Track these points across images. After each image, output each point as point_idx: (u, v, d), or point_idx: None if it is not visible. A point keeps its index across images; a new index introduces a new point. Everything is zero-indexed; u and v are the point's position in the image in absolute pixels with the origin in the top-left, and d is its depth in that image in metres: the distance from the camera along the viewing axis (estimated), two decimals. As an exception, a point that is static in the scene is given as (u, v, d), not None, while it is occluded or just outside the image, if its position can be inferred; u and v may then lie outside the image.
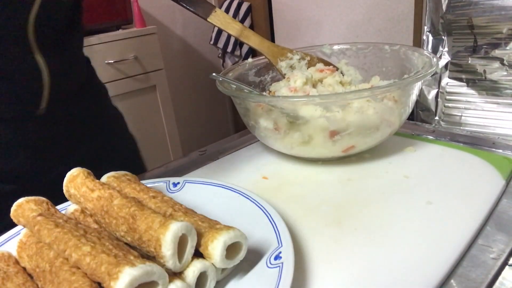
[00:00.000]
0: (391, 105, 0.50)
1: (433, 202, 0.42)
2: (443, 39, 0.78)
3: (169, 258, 0.29)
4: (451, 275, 0.33)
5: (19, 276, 0.32)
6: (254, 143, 0.64)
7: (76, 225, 0.33)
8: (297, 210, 0.44)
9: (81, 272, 0.29)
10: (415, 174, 0.49)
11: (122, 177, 0.42)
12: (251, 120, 0.55)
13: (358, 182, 0.49)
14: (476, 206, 0.41)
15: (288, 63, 0.61)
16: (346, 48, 0.65)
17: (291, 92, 0.55)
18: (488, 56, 0.72)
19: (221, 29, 0.59)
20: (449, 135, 0.60)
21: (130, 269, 0.26)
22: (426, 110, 0.81)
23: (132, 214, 0.32)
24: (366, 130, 0.49)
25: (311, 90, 0.54)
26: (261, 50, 0.61)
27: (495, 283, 0.32)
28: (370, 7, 1.17)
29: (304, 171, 0.53)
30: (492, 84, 0.72)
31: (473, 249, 0.36)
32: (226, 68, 0.63)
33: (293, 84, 0.55)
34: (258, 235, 0.36)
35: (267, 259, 0.33)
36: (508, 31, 0.69)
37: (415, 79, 0.47)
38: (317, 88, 0.56)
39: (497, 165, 0.48)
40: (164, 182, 0.48)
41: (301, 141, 0.50)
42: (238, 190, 0.43)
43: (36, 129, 0.53)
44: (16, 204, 0.37)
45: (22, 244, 0.35)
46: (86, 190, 0.37)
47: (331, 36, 1.31)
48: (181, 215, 0.35)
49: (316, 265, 0.35)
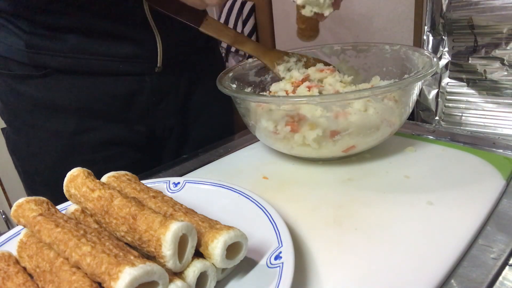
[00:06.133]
0: (392, 105, 0.50)
1: (433, 202, 0.42)
2: (444, 39, 0.78)
3: (170, 258, 0.29)
4: (451, 275, 0.33)
5: (19, 276, 0.32)
6: (254, 143, 0.64)
7: (76, 225, 0.33)
8: (297, 210, 0.44)
9: (81, 272, 0.29)
10: (415, 174, 0.49)
11: (122, 177, 0.42)
12: (251, 120, 0.55)
13: (358, 182, 0.49)
14: (477, 206, 0.41)
15: (285, 66, 0.61)
16: (346, 48, 0.65)
17: (293, 86, 0.55)
18: (489, 56, 0.72)
19: (214, 37, 0.58)
20: (449, 135, 0.60)
21: (130, 269, 0.26)
22: (426, 110, 0.81)
23: (132, 214, 0.32)
24: (367, 130, 0.49)
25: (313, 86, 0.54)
26: (256, 55, 0.60)
27: (495, 283, 0.32)
28: (370, 7, 1.17)
29: (304, 171, 0.53)
30: (492, 84, 0.72)
31: (473, 249, 0.36)
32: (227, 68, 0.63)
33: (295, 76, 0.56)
34: (258, 235, 0.36)
35: (267, 259, 0.33)
36: (508, 31, 0.69)
37: (415, 79, 0.47)
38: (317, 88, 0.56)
39: (497, 165, 0.48)
40: (164, 182, 0.48)
41: (301, 142, 0.50)
42: (238, 190, 0.43)
43: (153, 83, 0.66)
44: (16, 204, 0.37)
45: (23, 244, 0.35)
46: (87, 190, 0.37)
47: (331, 36, 1.31)
48: (181, 215, 0.35)
49: (316, 265, 0.35)
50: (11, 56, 0.59)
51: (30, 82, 0.60)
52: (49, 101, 0.61)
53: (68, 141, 0.63)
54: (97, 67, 0.60)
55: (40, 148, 0.64)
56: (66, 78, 0.60)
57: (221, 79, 0.57)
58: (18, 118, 0.64)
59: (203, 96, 0.74)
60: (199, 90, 0.73)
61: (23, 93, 0.61)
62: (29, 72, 0.59)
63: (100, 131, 0.64)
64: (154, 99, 0.67)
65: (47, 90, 0.60)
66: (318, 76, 0.59)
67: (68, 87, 0.61)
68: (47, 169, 0.65)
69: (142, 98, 0.65)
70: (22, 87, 0.60)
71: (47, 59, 0.58)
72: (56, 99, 0.61)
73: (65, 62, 0.59)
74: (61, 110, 0.62)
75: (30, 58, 0.58)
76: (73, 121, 0.62)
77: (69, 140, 0.63)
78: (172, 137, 0.72)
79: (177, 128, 0.72)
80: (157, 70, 0.65)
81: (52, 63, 0.59)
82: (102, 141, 0.65)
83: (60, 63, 0.59)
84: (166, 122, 0.70)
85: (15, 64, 0.59)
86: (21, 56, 0.58)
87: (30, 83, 0.60)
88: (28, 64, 0.59)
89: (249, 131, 0.59)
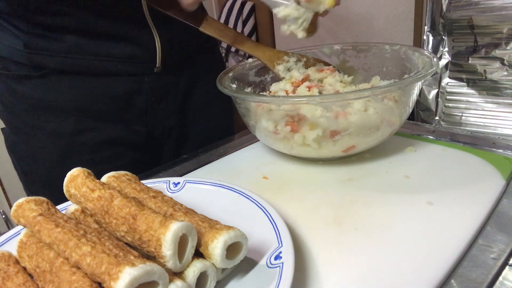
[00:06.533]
0: (392, 105, 0.50)
1: (433, 202, 0.42)
2: (444, 39, 0.78)
3: (170, 258, 0.29)
4: (451, 275, 0.33)
5: (19, 276, 0.32)
6: (254, 143, 0.64)
7: (76, 225, 0.33)
8: (297, 210, 0.44)
9: (81, 272, 0.29)
10: (415, 174, 0.49)
11: (122, 177, 0.42)
12: (251, 120, 0.55)
13: (358, 182, 0.49)
14: (477, 206, 0.41)
15: (285, 66, 0.61)
16: (346, 48, 0.65)
17: (293, 86, 0.55)
18: (489, 56, 0.72)
19: (214, 37, 0.58)
20: (449, 135, 0.60)
21: (130, 269, 0.26)
22: (426, 110, 0.81)
23: (132, 214, 0.32)
24: (367, 130, 0.49)
25: (313, 86, 0.54)
26: (256, 55, 0.60)
27: (495, 283, 0.32)
28: (370, 7, 1.17)
29: (304, 171, 0.53)
30: (492, 84, 0.72)
31: (473, 249, 0.36)
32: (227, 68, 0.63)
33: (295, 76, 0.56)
34: (258, 235, 0.36)
35: (267, 259, 0.33)
36: (508, 31, 0.69)
37: (415, 79, 0.47)
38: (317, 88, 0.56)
39: (497, 165, 0.48)
40: (164, 182, 0.48)
41: (301, 142, 0.50)
42: (238, 190, 0.43)
43: (152, 83, 0.66)
44: (16, 204, 0.37)
45: (23, 244, 0.35)
46: (87, 190, 0.37)
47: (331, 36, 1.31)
48: (181, 215, 0.35)
49: (317, 265, 0.35)
50: (10, 57, 0.59)
51: (29, 82, 0.60)
52: (48, 102, 0.61)
53: (67, 141, 0.63)
54: (95, 67, 0.60)
55: (39, 148, 0.64)
56: (64, 79, 0.60)
57: (221, 79, 0.57)
58: (17, 118, 0.63)
59: (202, 96, 0.74)
60: (198, 90, 0.73)
61: (21, 93, 0.61)
62: (28, 72, 0.59)
63: (99, 131, 0.64)
64: (153, 99, 0.67)
65: (45, 90, 0.60)
66: (318, 76, 0.59)
67: (66, 87, 0.61)
68: (46, 169, 0.65)
69: (141, 98, 0.65)
70: (21, 87, 0.60)
71: (46, 59, 0.58)
72: (55, 100, 0.61)
73: (64, 62, 0.59)
74: (60, 110, 0.62)
75: (28, 58, 0.58)
76: (72, 121, 0.62)
77: (68, 140, 0.63)
78: (172, 137, 0.72)
79: (177, 128, 0.72)
80: (156, 71, 0.64)
81: (50, 63, 0.59)
82: (101, 141, 0.65)
83: (59, 63, 0.59)
84: (166, 122, 0.70)
85: (13, 64, 0.59)
86: (20, 56, 0.58)
87: (28, 84, 0.60)
88: (27, 64, 0.59)
89: (249, 131, 0.59)
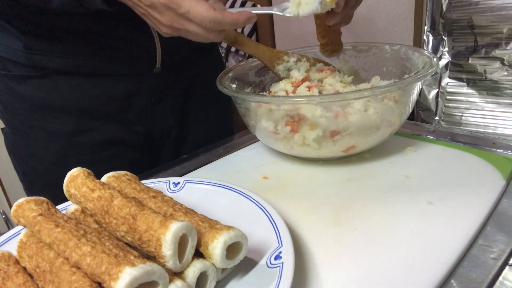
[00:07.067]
0: (392, 105, 0.50)
1: (433, 202, 0.42)
2: (444, 39, 0.78)
3: (170, 258, 0.29)
4: (451, 275, 0.33)
5: (19, 276, 0.32)
6: (254, 143, 0.64)
7: (76, 225, 0.33)
8: (297, 210, 0.44)
9: (81, 272, 0.29)
10: (415, 174, 0.49)
11: (122, 177, 0.42)
12: (251, 120, 0.55)
13: (358, 182, 0.49)
14: (477, 206, 0.41)
15: (285, 66, 0.61)
16: (346, 48, 0.65)
17: (293, 86, 0.55)
18: (489, 56, 0.72)
19: None
20: (449, 135, 0.60)
21: (130, 269, 0.26)
22: (426, 110, 0.81)
23: (132, 214, 0.32)
24: (367, 130, 0.49)
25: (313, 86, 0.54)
26: (257, 55, 0.60)
27: (495, 283, 0.32)
28: (370, 7, 1.17)
29: (304, 171, 0.53)
30: (492, 84, 0.72)
31: (473, 249, 0.36)
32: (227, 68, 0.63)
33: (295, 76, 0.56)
34: (258, 235, 0.36)
35: (267, 259, 0.33)
36: (508, 31, 0.69)
37: (415, 79, 0.47)
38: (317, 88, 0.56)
39: (497, 165, 0.48)
40: (164, 182, 0.48)
41: (301, 142, 0.50)
42: (238, 190, 0.43)
43: (152, 84, 0.66)
44: (16, 204, 0.37)
45: (23, 244, 0.35)
46: (87, 190, 0.37)
47: (331, 36, 1.31)
48: (181, 215, 0.35)
49: (316, 265, 0.35)
50: (10, 57, 0.59)
51: (29, 82, 0.60)
52: (48, 102, 0.61)
53: (67, 141, 0.63)
54: (95, 68, 0.60)
55: (39, 148, 0.64)
56: (64, 79, 0.60)
57: (221, 79, 0.57)
58: (16, 118, 0.64)
59: (202, 96, 0.74)
60: (198, 91, 0.73)
61: (21, 93, 0.61)
62: (28, 72, 0.59)
63: (99, 131, 0.64)
64: (152, 99, 0.67)
65: (45, 90, 0.60)
66: (318, 76, 0.59)
67: (66, 87, 0.61)
68: (46, 169, 0.65)
69: (141, 99, 0.65)
70: (21, 87, 0.60)
71: (45, 60, 0.58)
72: (55, 100, 0.61)
73: (64, 63, 0.59)
74: (59, 110, 0.62)
75: (28, 59, 0.58)
76: (72, 121, 0.62)
77: (67, 141, 0.63)
78: (171, 137, 0.72)
79: (176, 128, 0.72)
80: (156, 71, 0.65)
81: (50, 64, 0.59)
82: (100, 142, 0.65)
83: (58, 64, 0.59)
84: (165, 122, 0.70)
85: (13, 64, 0.59)
86: (20, 57, 0.58)
87: (28, 84, 0.60)
88: (27, 65, 0.59)
89: (249, 131, 0.59)
